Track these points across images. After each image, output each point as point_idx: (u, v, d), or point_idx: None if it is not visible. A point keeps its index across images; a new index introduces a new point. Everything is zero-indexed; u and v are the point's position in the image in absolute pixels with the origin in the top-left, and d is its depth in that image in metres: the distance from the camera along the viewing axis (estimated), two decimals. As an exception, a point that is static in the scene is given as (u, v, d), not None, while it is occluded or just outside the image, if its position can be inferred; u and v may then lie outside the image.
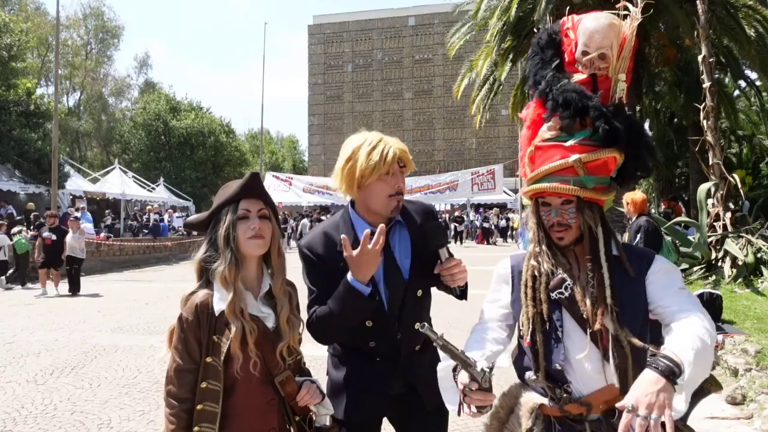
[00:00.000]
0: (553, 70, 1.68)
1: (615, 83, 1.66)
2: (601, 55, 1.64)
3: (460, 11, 19.11)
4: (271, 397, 1.71)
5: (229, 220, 1.69)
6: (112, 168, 25.93)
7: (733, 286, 7.92)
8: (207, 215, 1.76)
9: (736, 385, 4.68)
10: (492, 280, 1.78)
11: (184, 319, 1.68)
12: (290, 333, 1.71)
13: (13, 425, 4.32)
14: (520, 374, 1.71)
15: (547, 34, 1.76)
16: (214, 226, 1.73)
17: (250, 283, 1.73)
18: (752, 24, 13.99)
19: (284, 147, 66.48)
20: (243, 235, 1.68)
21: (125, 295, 11.17)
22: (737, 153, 19.78)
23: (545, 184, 1.60)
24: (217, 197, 1.77)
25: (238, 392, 1.67)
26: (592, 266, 1.58)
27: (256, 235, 1.69)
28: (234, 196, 1.71)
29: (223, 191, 1.77)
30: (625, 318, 1.52)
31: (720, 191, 9.43)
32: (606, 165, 1.59)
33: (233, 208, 1.71)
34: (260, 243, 1.70)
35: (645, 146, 1.65)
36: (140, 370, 5.83)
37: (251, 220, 1.70)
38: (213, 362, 1.64)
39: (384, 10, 48.58)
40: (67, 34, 42.12)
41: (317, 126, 50.13)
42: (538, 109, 1.72)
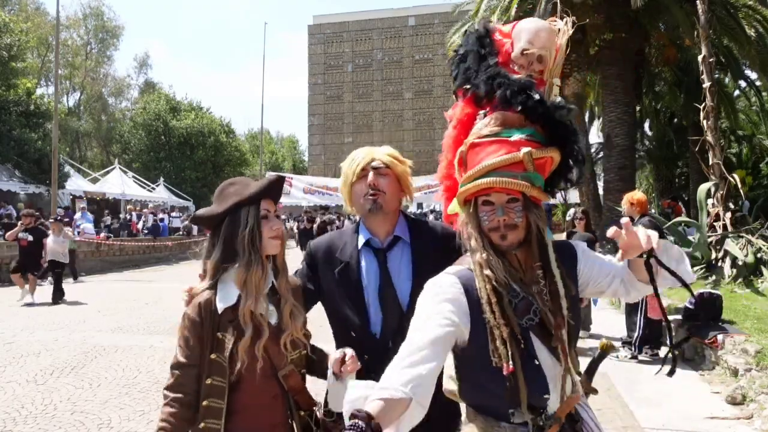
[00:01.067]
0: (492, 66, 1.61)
1: (549, 87, 1.64)
2: (539, 57, 1.62)
3: (460, 11, 19.12)
4: (275, 392, 1.71)
5: (253, 221, 1.67)
6: (112, 168, 25.95)
7: (733, 286, 7.92)
8: (221, 212, 1.70)
9: (736, 385, 4.68)
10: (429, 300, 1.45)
11: (188, 317, 1.68)
12: (293, 325, 1.72)
13: (13, 425, 4.32)
14: (495, 413, 1.48)
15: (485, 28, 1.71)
16: (230, 224, 1.69)
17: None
18: (752, 24, 14.00)
19: (284, 147, 66.46)
20: (266, 234, 1.69)
21: (125, 295, 11.17)
22: (737, 153, 19.76)
23: (492, 178, 1.44)
24: (230, 195, 1.73)
25: (243, 388, 1.67)
26: (544, 274, 1.46)
27: (276, 235, 1.72)
28: (256, 196, 1.69)
29: (236, 188, 1.74)
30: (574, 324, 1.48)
31: (720, 191, 9.43)
32: (545, 165, 1.51)
33: (255, 208, 1.69)
34: (279, 243, 1.74)
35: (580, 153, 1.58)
36: (140, 370, 5.83)
37: (272, 220, 1.72)
38: (218, 359, 1.64)
39: (384, 10, 48.59)
40: (67, 34, 42.12)
41: (317, 126, 50.12)
42: (468, 108, 1.67)
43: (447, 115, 1.79)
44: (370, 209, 1.89)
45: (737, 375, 4.96)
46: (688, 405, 4.57)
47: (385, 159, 1.92)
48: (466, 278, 1.46)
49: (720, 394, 4.78)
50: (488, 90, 1.56)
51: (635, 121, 16.74)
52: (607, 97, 14.86)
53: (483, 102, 1.61)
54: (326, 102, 49.69)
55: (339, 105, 49.44)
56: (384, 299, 1.85)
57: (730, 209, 9.43)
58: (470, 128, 1.59)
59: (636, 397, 4.70)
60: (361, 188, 1.90)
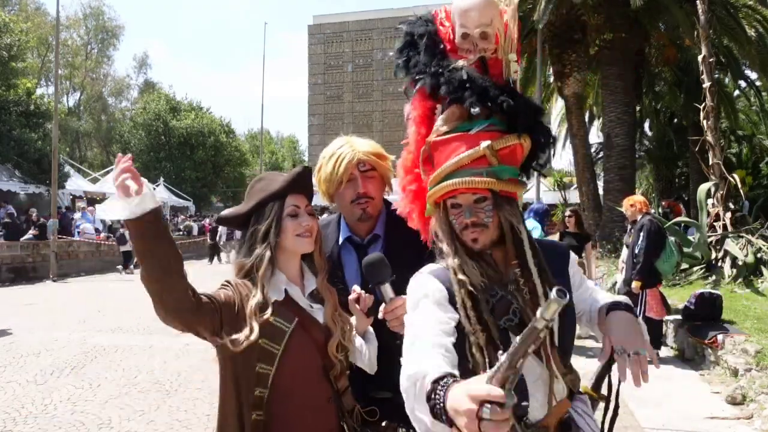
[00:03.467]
0: (438, 56, 1.49)
1: (506, 65, 1.48)
2: (482, 34, 1.44)
3: (460, 11, 19.08)
4: (328, 394, 1.62)
5: (273, 215, 1.59)
6: (112, 168, 25.91)
7: (733, 286, 7.91)
8: (246, 210, 1.63)
9: (736, 385, 4.68)
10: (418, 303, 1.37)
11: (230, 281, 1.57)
12: (338, 328, 1.63)
13: (13, 425, 4.32)
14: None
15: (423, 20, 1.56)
16: (254, 222, 1.61)
17: (293, 279, 1.66)
18: (752, 24, 14.01)
19: (284, 147, 66.47)
20: (292, 232, 1.60)
21: (125, 295, 11.17)
22: (737, 153, 19.75)
23: (455, 180, 1.36)
24: (256, 191, 1.65)
25: (295, 391, 1.56)
26: (522, 272, 1.36)
27: (305, 232, 1.62)
28: (281, 191, 1.61)
29: (262, 185, 1.66)
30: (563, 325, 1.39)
31: (720, 191, 9.43)
32: (514, 153, 1.40)
33: (279, 204, 1.61)
34: (310, 241, 1.63)
35: (544, 131, 1.49)
36: (140, 370, 5.83)
37: (301, 217, 1.62)
38: (266, 345, 1.50)
39: (384, 10, 48.58)
40: (67, 34, 42.13)
41: (317, 126, 50.13)
42: (425, 101, 1.53)
43: (406, 113, 1.62)
44: (359, 218, 1.86)
45: (737, 375, 4.96)
46: (688, 405, 4.57)
47: (371, 160, 1.85)
48: (447, 278, 1.38)
49: (720, 394, 4.78)
50: (434, 86, 1.46)
51: (635, 121, 16.73)
52: (607, 97, 14.85)
53: (437, 96, 1.49)
54: (326, 102, 49.70)
55: (339, 105, 49.45)
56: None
57: (730, 209, 9.43)
58: (432, 122, 1.50)
59: (636, 397, 4.69)
60: (350, 194, 1.84)
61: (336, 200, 1.91)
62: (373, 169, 1.86)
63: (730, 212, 9.38)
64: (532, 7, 14.06)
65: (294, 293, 1.62)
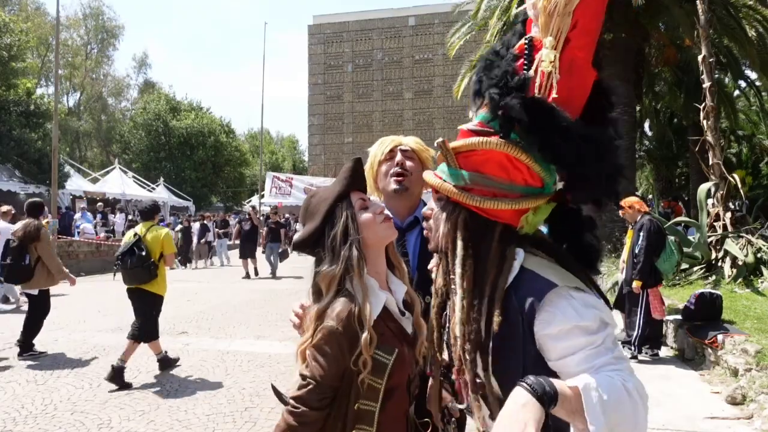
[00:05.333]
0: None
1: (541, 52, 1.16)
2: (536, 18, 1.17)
3: (460, 11, 19.14)
4: (406, 406, 1.54)
5: (347, 215, 1.49)
6: (112, 168, 25.94)
7: (733, 286, 7.91)
8: (319, 224, 1.51)
9: (736, 385, 4.68)
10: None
11: (333, 329, 1.38)
12: (422, 332, 1.54)
13: (13, 425, 4.32)
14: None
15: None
16: (329, 230, 1.50)
17: (382, 283, 1.52)
18: (752, 24, 13.99)
19: (284, 147, 66.47)
20: (372, 222, 1.50)
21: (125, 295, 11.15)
22: (737, 153, 19.78)
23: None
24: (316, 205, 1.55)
25: (388, 408, 1.44)
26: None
27: (385, 218, 1.52)
28: (344, 190, 1.53)
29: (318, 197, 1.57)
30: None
31: (720, 191, 9.43)
32: (486, 163, 1.19)
33: (347, 203, 1.52)
34: (391, 224, 1.54)
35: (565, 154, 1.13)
36: (140, 370, 5.83)
37: (373, 206, 1.54)
38: (371, 381, 1.39)
39: (384, 10, 48.58)
40: (67, 34, 42.13)
41: (317, 126, 50.10)
42: None
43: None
44: (396, 189, 2.02)
45: (737, 375, 4.96)
46: (688, 405, 4.57)
47: (412, 144, 2.09)
48: None
49: (720, 394, 4.78)
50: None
51: (635, 121, 16.74)
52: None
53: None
54: (326, 102, 49.67)
55: (339, 105, 49.42)
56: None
57: (730, 209, 9.43)
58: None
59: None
60: (389, 166, 2.05)
61: (377, 182, 2.10)
62: (414, 151, 2.08)
63: (730, 212, 9.39)
64: (532, 7, 14.04)
65: (389, 304, 1.50)
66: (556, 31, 1.12)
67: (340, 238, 1.46)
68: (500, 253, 1.19)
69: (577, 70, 1.14)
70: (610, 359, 1.08)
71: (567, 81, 1.12)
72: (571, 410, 1.00)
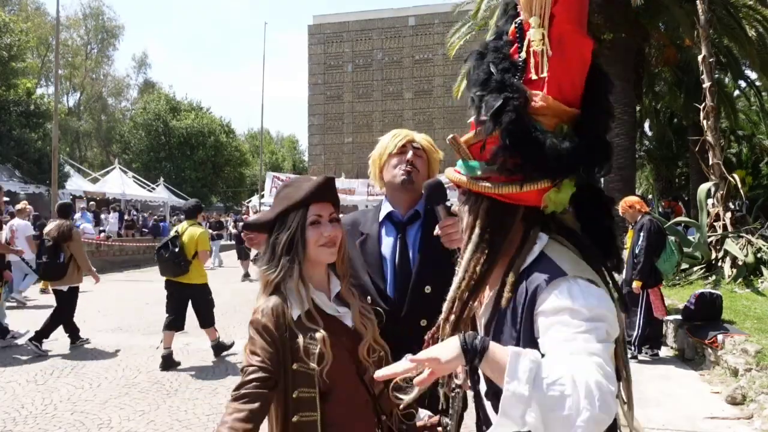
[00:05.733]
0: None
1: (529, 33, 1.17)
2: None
3: (460, 11, 19.15)
4: (365, 398, 1.61)
5: (296, 225, 1.58)
6: (112, 168, 25.94)
7: (733, 286, 7.92)
8: (272, 218, 1.63)
9: (736, 385, 4.68)
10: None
11: (260, 323, 1.51)
12: (368, 330, 1.63)
13: (13, 425, 4.32)
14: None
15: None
16: (277, 230, 1.60)
17: (320, 285, 1.64)
18: (752, 24, 13.99)
19: (284, 147, 66.50)
20: (315, 242, 1.58)
21: (125, 295, 11.17)
22: (737, 153, 19.79)
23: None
24: (282, 198, 1.65)
25: (334, 397, 1.53)
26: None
27: (328, 242, 1.59)
28: (304, 200, 1.59)
29: (287, 192, 1.66)
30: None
31: (720, 191, 9.43)
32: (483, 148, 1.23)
33: (302, 213, 1.59)
34: (333, 251, 1.62)
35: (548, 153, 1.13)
36: (140, 370, 5.83)
37: (323, 226, 1.60)
38: (301, 368, 1.49)
39: (384, 10, 48.60)
40: (67, 34, 42.14)
41: (317, 126, 50.12)
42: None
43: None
44: (402, 182, 2.05)
45: (737, 375, 4.96)
46: (688, 405, 4.57)
47: (424, 143, 2.12)
48: None
49: (720, 394, 4.78)
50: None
51: (635, 121, 16.74)
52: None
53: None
54: (326, 102, 49.68)
55: (339, 105, 49.43)
56: (399, 268, 2.02)
57: (730, 209, 9.44)
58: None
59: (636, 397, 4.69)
60: (398, 160, 2.08)
61: (384, 172, 2.12)
62: (424, 152, 2.11)
63: (730, 212, 9.39)
64: (532, 7, 14.05)
65: (320, 300, 1.60)
66: (540, 8, 1.13)
67: (284, 246, 1.56)
68: (522, 235, 1.21)
69: (568, 43, 1.14)
70: (586, 351, 1.02)
71: (559, 56, 1.14)
72: (496, 370, 1.00)
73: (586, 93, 1.19)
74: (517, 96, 1.14)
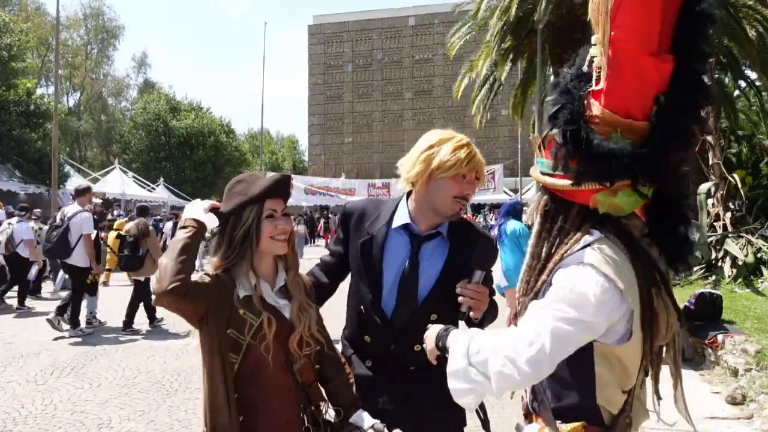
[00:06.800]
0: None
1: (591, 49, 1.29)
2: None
3: (460, 11, 19.13)
4: (290, 384, 1.72)
5: (252, 219, 1.68)
6: (112, 168, 25.93)
7: (733, 286, 7.91)
8: (225, 213, 1.72)
9: (736, 385, 4.68)
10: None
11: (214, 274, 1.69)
12: (302, 324, 1.72)
13: (13, 425, 4.32)
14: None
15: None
16: (233, 223, 1.70)
17: (266, 276, 1.75)
18: (752, 24, 13.99)
19: (284, 147, 66.52)
20: (268, 234, 1.69)
21: (125, 295, 11.14)
22: (737, 153, 19.76)
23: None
24: (237, 193, 1.72)
25: (260, 379, 1.68)
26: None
27: (281, 235, 1.71)
28: (260, 196, 1.69)
29: (241, 187, 1.73)
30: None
31: (720, 191, 9.43)
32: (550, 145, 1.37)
33: (259, 207, 1.69)
34: (284, 244, 1.73)
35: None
36: (140, 370, 5.83)
37: (277, 220, 1.71)
38: (233, 335, 1.63)
39: (384, 10, 48.59)
40: (67, 34, 42.13)
41: (317, 126, 50.12)
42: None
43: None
44: (452, 216, 1.81)
45: (737, 375, 4.96)
46: (688, 405, 4.57)
47: (482, 172, 1.85)
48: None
49: (720, 394, 4.78)
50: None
51: (635, 121, 16.74)
52: (607, 97, 14.83)
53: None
54: (326, 102, 49.68)
55: (339, 105, 49.42)
56: (403, 285, 1.81)
57: (730, 209, 9.43)
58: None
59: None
60: (456, 187, 1.77)
61: (429, 185, 1.79)
62: (479, 179, 1.85)
63: (730, 212, 9.39)
64: (532, 8, 14.06)
65: (263, 289, 1.71)
66: (602, 28, 1.23)
67: (239, 238, 1.67)
68: (574, 229, 1.31)
69: (625, 61, 1.21)
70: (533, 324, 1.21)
71: (615, 72, 1.22)
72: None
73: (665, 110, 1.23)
74: (574, 100, 1.26)
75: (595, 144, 1.21)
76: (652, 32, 1.21)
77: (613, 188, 1.23)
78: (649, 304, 1.22)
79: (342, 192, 26.19)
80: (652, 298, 1.23)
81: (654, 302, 1.23)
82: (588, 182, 1.25)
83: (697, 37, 1.26)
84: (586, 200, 1.28)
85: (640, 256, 1.26)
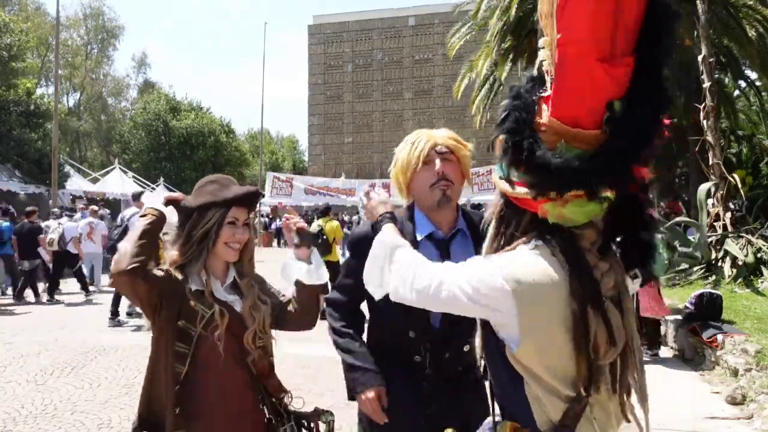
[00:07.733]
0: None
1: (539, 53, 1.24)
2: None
3: (460, 11, 19.14)
4: (245, 378, 1.78)
5: (214, 221, 1.74)
6: (112, 168, 25.92)
7: (733, 286, 7.92)
8: (192, 207, 1.76)
9: (736, 385, 4.68)
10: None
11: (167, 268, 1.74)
12: (256, 321, 1.78)
13: (13, 425, 4.32)
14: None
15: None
16: (196, 220, 1.75)
17: (217, 274, 1.82)
18: (752, 24, 14.00)
19: (284, 147, 66.46)
20: (224, 239, 1.75)
21: (125, 295, 11.14)
22: (737, 153, 19.76)
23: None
24: (207, 192, 1.78)
25: (211, 371, 1.72)
26: None
27: (235, 243, 1.78)
28: (228, 202, 1.76)
29: (213, 188, 1.79)
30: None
31: (720, 191, 9.43)
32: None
33: (223, 212, 1.75)
34: (236, 253, 1.80)
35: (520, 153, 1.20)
36: (140, 370, 5.82)
37: (237, 228, 1.77)
38: (185, 326, 1.68)
39: (384, 10, 48.57)
40: (67, 34, 42.11)
41: (317, 126, 50.10)
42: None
43: None
44: (439, 202, 1.77)
45: (737, 375, 4.96)
46: (688, 405, 4.57)
47: (449, 143, 1.80)
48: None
49: (720, 394, 4.78)
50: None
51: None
52: (607, 97, 14.84)
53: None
54: (326, 102, 49.66)
55: (339, 105, 49.41)
56: None
57: (730, 209, 9.44)
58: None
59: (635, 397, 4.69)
60: (427, 176, 1.77)
61: (413, 189, 1.83)
62: (451, 152, 1.80)
63: (730, 212, 9.39)
64: (532, 8, 14.06)
65: (213, 285, 1.78)
66: (549, 32, 1.17)
67: (198, 236, 1.73)
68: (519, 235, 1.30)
69: (570, 67, 1.14)
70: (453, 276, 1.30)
71: (560, 78, 1.16)
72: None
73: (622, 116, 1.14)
74: (523, 107, 1.22)
75: (537, 155, 1.16)
76: (602, 35, 1.11)
77: (562, 199, 1.18)
78: (582, 320, 1.17)
79: (342, 192, 26.21)
80: (587, 315, 1.17)
81: (588, 319, 1.17)
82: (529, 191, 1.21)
83: (661, 33, 1.13)
84: (531, 208, 1.25)
85: (582, 272, 1.20)
